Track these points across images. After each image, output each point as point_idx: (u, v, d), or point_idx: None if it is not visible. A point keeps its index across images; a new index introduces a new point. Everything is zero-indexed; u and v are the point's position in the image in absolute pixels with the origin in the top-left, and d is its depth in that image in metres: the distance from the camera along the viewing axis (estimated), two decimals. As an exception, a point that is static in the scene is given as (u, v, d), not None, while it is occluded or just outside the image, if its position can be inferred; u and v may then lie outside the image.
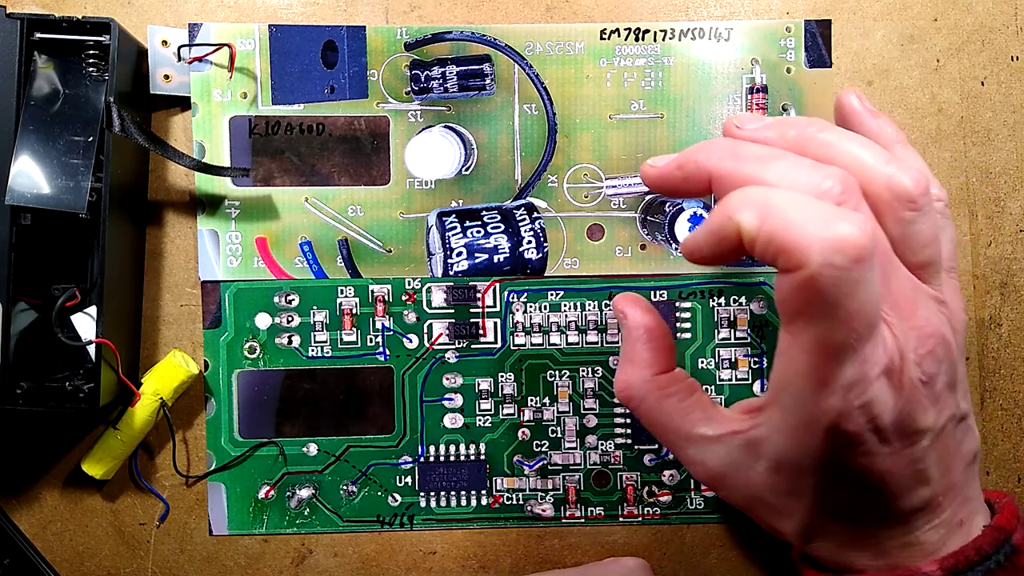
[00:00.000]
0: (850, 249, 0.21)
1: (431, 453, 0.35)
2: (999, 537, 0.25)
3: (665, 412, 0.28)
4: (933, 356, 0.24)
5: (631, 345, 0.29)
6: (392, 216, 0.35)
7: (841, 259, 0.21)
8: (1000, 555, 0.25)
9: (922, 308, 0.25)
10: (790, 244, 0.22)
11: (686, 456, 0.28)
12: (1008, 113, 0.35)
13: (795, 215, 0.22)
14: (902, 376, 0.24)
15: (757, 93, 0.35)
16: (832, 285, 0.21)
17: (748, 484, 0.27)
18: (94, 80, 0.31)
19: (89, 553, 0.35)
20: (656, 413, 0.28)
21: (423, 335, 0.35)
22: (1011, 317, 0.36)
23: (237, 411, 0.35)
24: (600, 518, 0.35)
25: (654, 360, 0.29)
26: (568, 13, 0.35)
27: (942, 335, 0.25)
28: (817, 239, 0.21)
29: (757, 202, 0.23)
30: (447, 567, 0.35)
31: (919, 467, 0.25)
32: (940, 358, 0.24)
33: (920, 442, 0.24)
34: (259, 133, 0.34)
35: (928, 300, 0.25)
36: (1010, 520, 0.26)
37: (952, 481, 0.26)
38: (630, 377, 0.29)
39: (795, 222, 0.22)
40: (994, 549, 0.25)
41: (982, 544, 0.25)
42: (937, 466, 0.25)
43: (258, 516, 0.35)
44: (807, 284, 0.22)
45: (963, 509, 0.26)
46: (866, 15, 0.35)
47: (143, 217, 0.35)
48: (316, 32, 0.34)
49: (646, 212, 0.35)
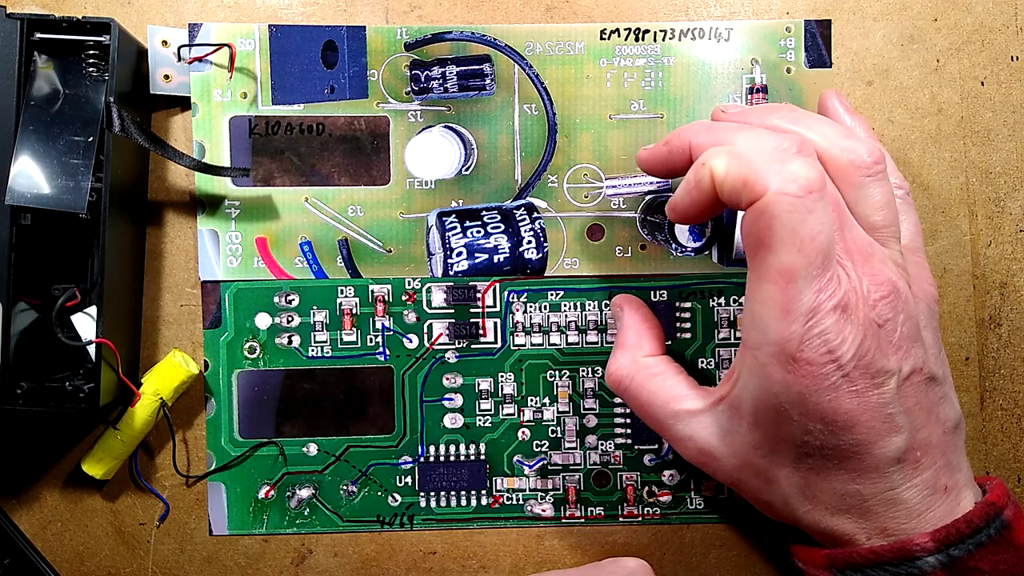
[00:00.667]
0: (801, 179, 0.25)
1: (431, 453, 0.35)
2: (990, 512, 0.26)
3: (651, 390, 0.30)
4: (887, 302, 0.26)
5: (623, 333, 0.32)
6: (392, 216, 0.35)
7: (794, 187, 0.25)
8: (991, 529, 0.26)
9: (877, 260, 0.27)
10: (751, 177, 0.25)
11: (675, 433, 0.30)
12: (1008, 113, 0.35)
13: (756, 156, 0.26)
14: (858, 313, 0.26)
15: (757, 93, 0.35)
16: (787, 210, 0.25)
17: (735, 450, 0.28)
18: (94, 80, 0.31)
19: (89, 553, 0.35)
20: (644, 392, 0.30)
21: (423, 335, 0.35)
22: (1011, 317, 0.36)
23: (237, 411, 0.35)
24: (600, 518, 0.35)
25: (642, 344, 0.32)
26: (568, 13, 0.35)
27: (895, 284, 0.27)
28: (774, 171, 0.25)
29: (725, 150, 0.26)
30: (447, 567, 0.35)
31: (887, 411, 0.26)
32: (895, 307, 0.26)
33: (885, 385, 0.26)
34: (259, 133, 0.34)
35: (884, 256, 0.27)
36: (1001, 497, 0.27)
37: (929, 439, 0.27)
38: (619, 359, 0.32)
39: (755, 160, 0.25)
40: (985, 523, 0.26)
41: (973, 518, 0.26)
42: (907, 416, 0.27)
43: (258, 516, 0.35)
44: (765, 209, 0.25)
45: (946, 475, 0.27)
46: (866, 15, 0.35)
47: (143, 217, 0.35)
48: (316, 32, 0.34)
49: (646, 212, 0.35)
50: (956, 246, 0.35)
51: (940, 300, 0.35)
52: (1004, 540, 0.26)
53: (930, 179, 0.35)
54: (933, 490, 0.27)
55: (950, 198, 0.35)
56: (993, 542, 0.26)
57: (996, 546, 0.26)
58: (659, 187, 0.35)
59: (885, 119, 0.35)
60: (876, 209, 0.28)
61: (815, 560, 0.29)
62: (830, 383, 0.26)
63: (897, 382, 0.26)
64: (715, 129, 0.28)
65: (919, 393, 0.27)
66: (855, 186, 0.28)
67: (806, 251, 0.25)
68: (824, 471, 0.27)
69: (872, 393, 0.26)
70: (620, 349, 0.32)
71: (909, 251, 0.29)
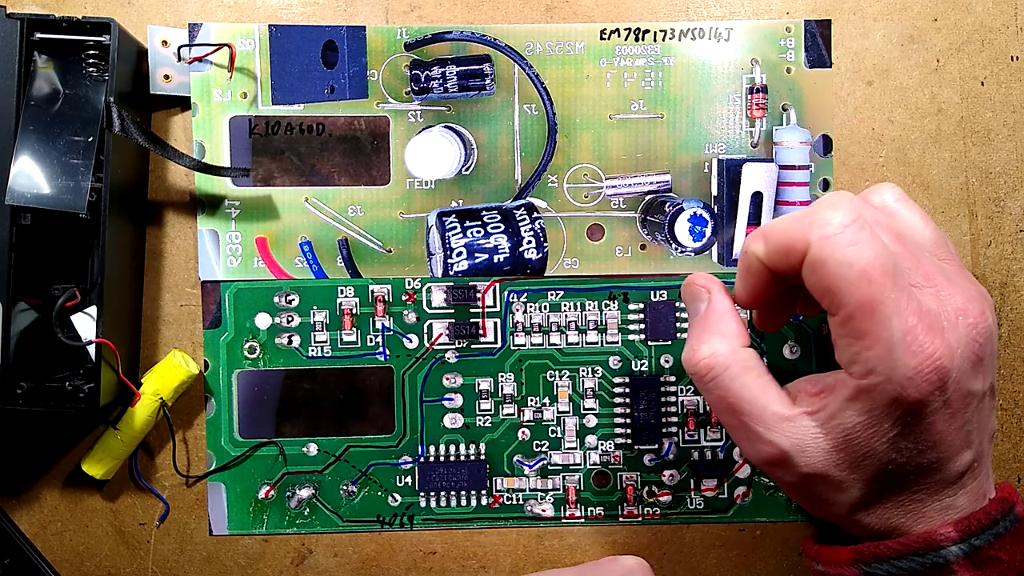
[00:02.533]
0: (833, 216, 0.26)
1: (431, 453, 0.35)
2: (1005, 507, 0.28)
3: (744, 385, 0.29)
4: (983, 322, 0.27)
5: (716, 318, 0.30)
6: (392, 216, 0.35)
7: (831, 228, 0.26)
8: (1007, 521, 0.27)
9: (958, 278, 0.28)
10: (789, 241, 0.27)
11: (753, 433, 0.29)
12: (1008, 113, 0.35)
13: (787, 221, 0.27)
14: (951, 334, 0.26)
15: (757, 93, 0.35)
16: (834, 250, 0.25)
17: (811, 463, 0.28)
18: (94, 80, 0.31)
19: (89, 553, 0.35)
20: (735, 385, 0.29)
21: (423, 335, 0.35)
22: (1011, 317, 0.36)
23: (237, 411, 0.35)
24: (600, 518, 0.35)
25: (741, 332, 0.30)
26: (568, 13, 0.35)
27: (984, 297, 0.27)
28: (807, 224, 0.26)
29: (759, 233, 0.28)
30: (447, 567, 0.35)
31: (967, 428, 0.27)
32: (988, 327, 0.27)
33: (972, 404, 0.27)
34: (259, 133, 0.34)
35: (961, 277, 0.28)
36: (1012, 494, 0.28)
37: (984, 449, 0.28)
38: (717, 347, 0.30)
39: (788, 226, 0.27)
40: (1001, 515, 0.27)
41: (991, 510, 0.27)
42: (978, 431, 0.27)
43: (258, 516, 0.35)
44: (816, 259, 0.26)
45: (987, 481, 0.28)
46: (866, 15, 0.35)
47: (143, 217, 0.35)
48: (316, 32, 0.34)
49: (646, 212, 0.35)
50: (956, 246, 0.35)
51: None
52: (1019, 532, 0.27)
53: (930, 179, 0.35)
54: (977, 495, 0.28)
55: (950, 198, 0.35)
56: (1010, 533, 0.27)
57: (1012, 536, 0.27)
58: (659, 187, 0.35)
59: (885, 119, 0.35)
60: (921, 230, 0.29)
61: (840, 558, 0.29)
62: (932, 407, 0.26)
63: (978, 402, 0.27)
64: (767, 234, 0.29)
65: (986, 406, 0.28)
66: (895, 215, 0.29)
67: (872, 279, 0.25)
68: (898, 484, 0.28)
69: (960, 415, 0.27)
70: (714, 334, 0.30)
71: None
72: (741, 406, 0.29)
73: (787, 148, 0.35)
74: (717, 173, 0.35)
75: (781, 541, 0.35)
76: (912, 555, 0.27)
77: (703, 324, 0.30)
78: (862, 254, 0.25)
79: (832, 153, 0.35)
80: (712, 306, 0.30)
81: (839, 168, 0.35)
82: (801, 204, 0.35)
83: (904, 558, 0.27)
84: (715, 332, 0.30)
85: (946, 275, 0.27)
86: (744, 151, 0.35)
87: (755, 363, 0.29)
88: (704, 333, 0.30)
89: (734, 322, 0.30)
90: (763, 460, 0.29)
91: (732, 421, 0.29)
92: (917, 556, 0.27)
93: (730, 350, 0.29)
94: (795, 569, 0.36)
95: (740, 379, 0.29)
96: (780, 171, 0.35)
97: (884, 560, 0.27)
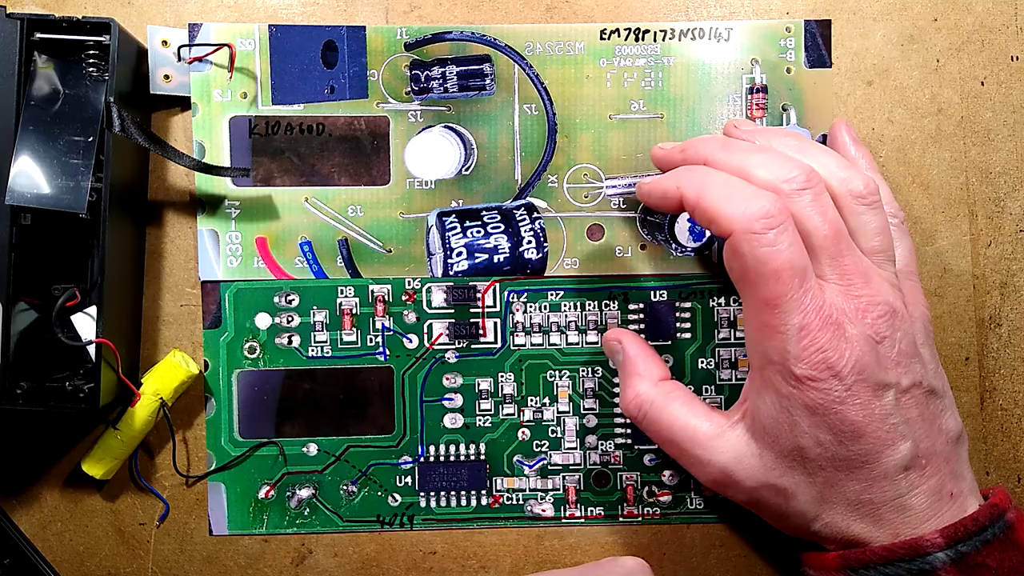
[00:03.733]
0: (762, 218, 0.27)
1: (431, 453, 0.35)
2: (994, 512, 0.28)
3: (671, 414, 0.31)
4: (884, 320, 0.28)
5: (632, 363, 0.33)
6: (392, 216, 0.35)
7: (756, 225, 0.27)
8: (996, 528, 0.28)
9: (874, 281, 0.28)
10: (717, 216, 0.27)
11: (693, 458, 0.31)
12: (1008, 113, 0.35)
13: (722, 194, 0.28)
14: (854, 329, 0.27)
15: (757, 93, 0.35)
16: (755, 247, 0.27)
17: (752, 472, 0.29)
18: (94, 80, 0.31)
19: (89, 553, 0.35)
20: (664, 416, 0.31)
21: (423, 335, 0.35)
22: (1011, 317, 0.36)
23: (237, 411, 0.35)
24: (600, 518, 0.35)
25: (655, 370, 0.32)
26: (568, 13, 0.35)
27: (891, 304, 0.28)
28: (737, 212, 0.27)
29: (698, 181, 0.29)
30: (447, 567, 0.35)
31: (891, 421, 0.28)
32: (892, 324, 0.28)
33: (885, 396, 0.28)
34: (259, 133, 0.34)
35: (880, 276, 0.29)
36: (1003, 500, 0.29)
37: (933, 448, 0.28)
38: (636, 386, 0.32)
39: (721, 199, 0.28)
40: (990, 522, 0.28)
41: (979, 517, 0.28)
42: (910, 426, 0.28)
43: (258, 516, 0.35)
44: (735, 248, 0.27)
45: (952, 482, 0.29)
46: (866, 15, 0.35)
47: (143, 217, 0.35)
48: (316, 32, 0.34)
49: (646, 212, 0.35)
50: (956, 246, 0.35)
51: (940, 300, 0.35)
52: (1008, 539, 0.27)
53: (930, 179, 0.35)
54: (939, 496, 0.28)
55: (950, 198, 0.35)
56: (998, 540, 0.27)
57: (1001, 544, 0.27)
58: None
59: (885, 119, 0.35)
60: (873, 235, 0.29)
61: (827, 563, 0.29)
62: (833, 396, 0.27)
63: (896, 394, 0.28)
64: (732, 148, 0.30)
65: (920, 405, 0.28)
66: (853, 213, 0.29)
67: (781, 279, 0.27)
68: (837, 482, 0.28)
69: (875, 404, 0.27)
70: (634, 377, 0.32)
71: (903, 274, 0.31)
72: (675, 434, 0.31)
73: (787, 148, 0.35)
74: (717, 173, 0.35)
75: (781, 541, 0.35)
76: (899, 561, 0.27)
77: (624, 372, 0.33)
78: (778, 256, 0.27)
79: (832, 153, 0.35)
80: (626, 353, 0.33)
81: (839, 168, 0.35)
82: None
83: (890, 564, 0.27)
84: (634, 375, 0.32)
85: (864, 273, 0.28)
86: (744, 151, 0.35)
87: (678, 393, 0.32)
88: (627, 379, 0.32)
89: (650, 361, 0.32)
90: (711, 482, 0.30)
91: (674, 451, 0.31)
92: (903, 562, 0.27)
93: (650, 386, 0.32)
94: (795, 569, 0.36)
95: (667, 410, 0.31)
96: (780, 171, 0.35)
97: (871, 566, 0.28)
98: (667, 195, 0.30)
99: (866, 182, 0.29)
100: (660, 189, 0.30)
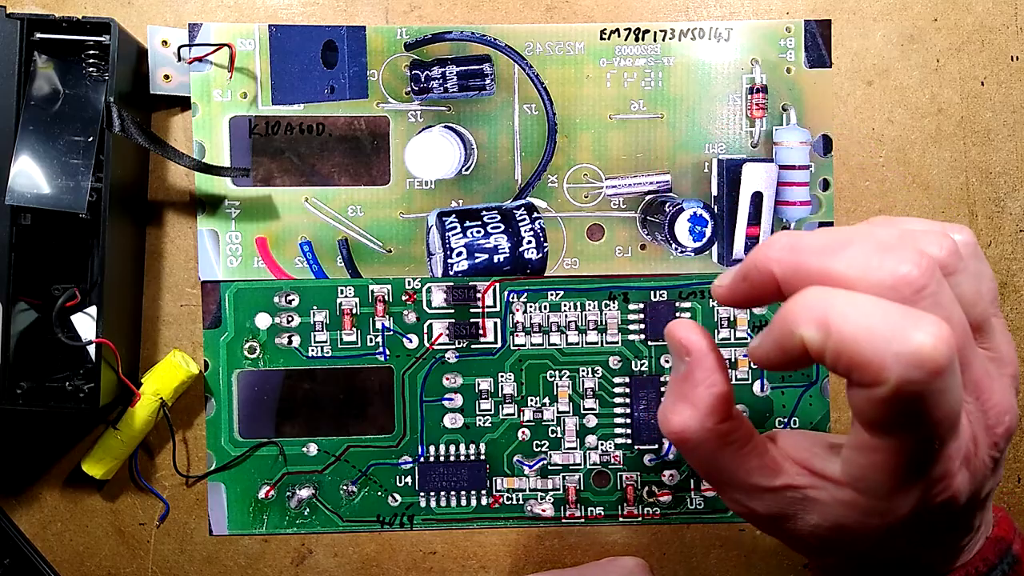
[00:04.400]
0: (928, 363, 0.19)
1: (431, 453, 0.35)
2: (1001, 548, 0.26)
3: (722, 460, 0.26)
4: (1007, 432, 0.24)
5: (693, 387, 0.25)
6: (392, 216, 0.35)
7: (920, 374, 0.20)
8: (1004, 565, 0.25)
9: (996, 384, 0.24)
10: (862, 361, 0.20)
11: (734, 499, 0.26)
12: (1008, 113, 0.35)
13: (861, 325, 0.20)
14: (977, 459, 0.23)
15: (757, 93, 0.35)
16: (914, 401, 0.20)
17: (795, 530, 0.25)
18: (94, 80, 0.31)
19: (89, 553, 0.35)
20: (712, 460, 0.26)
21: (423, 335, 0.35)
22: (1011, 317, 0.36)
23: (237, 411, 0.35)
24: (600, 518, 0.35)
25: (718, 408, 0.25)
26: (568, 13, 0.35)
27: (1014, 408, 0.24)
28: (891, 354, 0.20)
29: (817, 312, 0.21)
30: (447, 567, 0.35)
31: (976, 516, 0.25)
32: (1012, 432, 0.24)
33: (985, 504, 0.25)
34: (259, 133, 0.34)
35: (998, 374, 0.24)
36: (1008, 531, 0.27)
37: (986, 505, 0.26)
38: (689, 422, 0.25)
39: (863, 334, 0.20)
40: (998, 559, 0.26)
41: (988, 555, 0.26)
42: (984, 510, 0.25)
43: (258, 516, 0.35)
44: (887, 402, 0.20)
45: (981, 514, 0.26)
46: (866, 15, 0.35)
47: (143, 217, 0.35)
48: (316, 32, 0.34)
49: (646, 212, 0.35)
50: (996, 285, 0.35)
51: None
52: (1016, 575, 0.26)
53: (930, 179, 0.35)
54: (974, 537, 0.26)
55: (950, 198, 0.35)
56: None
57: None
58: (659, 187, 0.35)
59: (885, 119, 0.35)
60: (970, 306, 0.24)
61: None
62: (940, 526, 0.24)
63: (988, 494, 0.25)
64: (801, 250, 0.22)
65: None
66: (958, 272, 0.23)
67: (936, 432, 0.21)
68: None
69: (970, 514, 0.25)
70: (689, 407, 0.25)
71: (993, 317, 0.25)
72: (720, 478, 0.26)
73: (787, 148, 0.35)
74: (717, 173, 0.35)
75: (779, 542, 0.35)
76: None
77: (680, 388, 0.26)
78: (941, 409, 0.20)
79: (832, 153, 0.35)
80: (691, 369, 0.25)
81: (839, 168, 0.35)
82: (801, 204, 0.35)
83: None
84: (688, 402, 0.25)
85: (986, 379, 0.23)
86: (744, 151, 0.35)
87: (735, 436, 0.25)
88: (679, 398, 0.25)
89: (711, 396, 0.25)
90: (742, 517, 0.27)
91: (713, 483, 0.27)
92: None
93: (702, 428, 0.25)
94: (795, 569, 0.36)
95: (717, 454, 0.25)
96: (780, 171, 0.35)
97: None
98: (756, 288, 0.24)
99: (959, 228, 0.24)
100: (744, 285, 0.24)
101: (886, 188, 0.35)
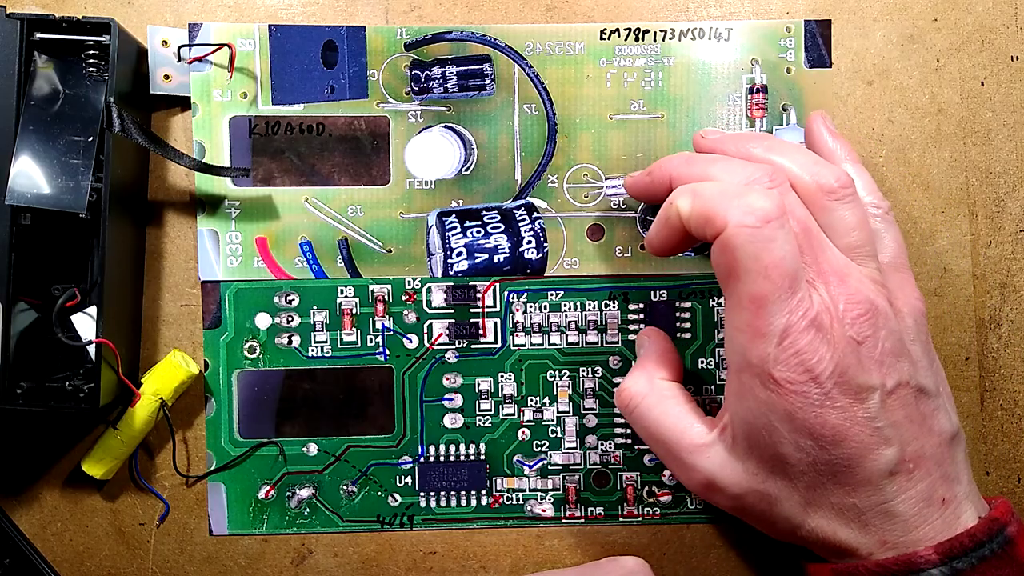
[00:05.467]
0: (758, 211, 0.26)
1: (431, 453, 0.35)
2: (993, 527, 0.27)
3: (662, 413, 0.31)
4: (864, 319, 0.27)
5: (643, 357, 0.33)
6: (392, 216, 0.35)
7: (751, 219, 0.26)
8: (994, 544, 0.27)
9: (853, 279, 0.28)
10: (712, 213, 0.27)
11: (680, 463, 0.30)
12: (1008, 113, 0.35)
13: (717, 193, 0.27)
14: (833, 331, 0.27)
15: (757, 93, 0.35)
16: (748, 241, 0.26)
17: (736, 479, 0.29)
18: (94, 80, 0.31)
19: (89, 553, 0.35)
20: (653, 415, 0.31)
21: (423, 335, 0.35)
22: (1011, 317, 0.36)
23: (237, 411, 0.35)
24: (600, 518, 0.35)
25: (661, 368, 0.32)
26: (568, 13, 0.35)
27: (872, 302, 0.27)
28: (732, 206, 0.26)
29: (689, 190, 0.28)
30: (447, 567, 0.35)
31: (875, 424, 0.27)
32: (874, 323, 0.27)
33: (868, 399, 0.27)
34: (259, 133, 0.34)
35: (860, 274, 0.28)
36: (1004, 514, 0.28)
37: (922, 451, 0.27)
38: (635, 377, 0.32)
39: (716, 197, 0.27)
40: (988, 538, 0.27)
41: (976, 532, 0.27)
42: (895, 429, 0.27)
43: (258, 516, 0.35)
44: (728, 242, 0.26)
45: (943, 487, 0.27)
46: (866, 15, 0.35)
47: (143, 217, 0.35)
48: (316, 32, 0.34)
49: (646, 212, 0.35)
50: (956, 246, 0.35)
51: (940, 300, 0.35)
52: (1007, 555, 0.26)
53: (930, 179, 0.35)
54: (929, 502, 0.27)
55: (950, 198, 0.35)
56: (996, 556, 0.26)
57: (999, 560, 0.26)
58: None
59: (885, 119, 0.35)
60: (849, 230, 0.29)
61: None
62: (812, 400, 0.27)
63: (881, 396, 0.27)
64: (693, 162, 0.30)
65: (908, 406, 0.27)
66: (826, 209, 0.29)
67: (771, 277, 0.26)
68: (820, 487, 0.28)
69: (856, 408, 0.27)
70: (638, 369, 0.32)
71: (891, 268, 0.30)
72: (662, 434, 0.30)
73: (787, 148, 0.35)
74: (717, 173, 0.35)
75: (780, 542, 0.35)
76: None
77: (635, 365, 0.33)
78: (772, 253, 0.26)
79: (832, 153, 0.35)
80: (645, 348, 0.33)
81: (839, 168, 0.35)
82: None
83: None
84: (639, 367, 0.32)
85: (840, 271, 0.28)
86: (744, 151, 0.35)
87: (673, 393, 0.31)
88: (632, 370, 0.32)
89: (661, 360, 0.32)
90: (695, 487, 0.30)
91: (659, 451, 0.31)
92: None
93: (647, 381, 0.31)
94: (795, 569, 0.36)
95: (657, 408, 0.31)
96: (780, 171, 0.35)
97: None
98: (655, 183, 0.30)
99: (837, 175, 0.29)
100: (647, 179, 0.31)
101: (886, 188, 0.35)
